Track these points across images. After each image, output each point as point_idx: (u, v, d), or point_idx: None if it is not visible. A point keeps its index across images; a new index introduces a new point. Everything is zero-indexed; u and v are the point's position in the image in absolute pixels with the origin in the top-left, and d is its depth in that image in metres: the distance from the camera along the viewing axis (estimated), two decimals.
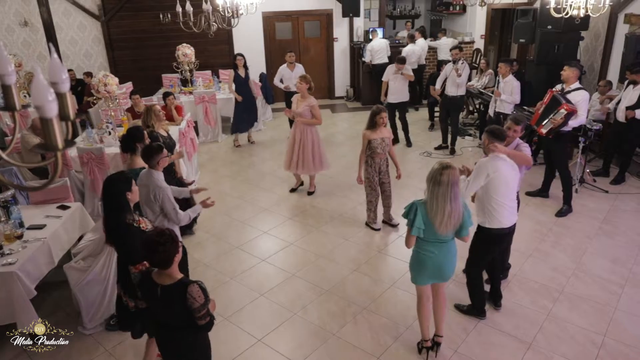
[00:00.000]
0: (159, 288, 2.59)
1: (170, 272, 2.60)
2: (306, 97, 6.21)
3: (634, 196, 6.29)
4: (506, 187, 3.70)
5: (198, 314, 2.56)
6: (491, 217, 3.77)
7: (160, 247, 2.51)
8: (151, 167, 3.87)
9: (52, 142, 1.10)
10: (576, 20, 6.70)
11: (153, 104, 5.83)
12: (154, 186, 3.78)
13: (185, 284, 2.58)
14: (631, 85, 6.27)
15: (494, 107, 7.15)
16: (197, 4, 6.56)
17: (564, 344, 3.80)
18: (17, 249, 3.92)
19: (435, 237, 3.29)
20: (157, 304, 2.62)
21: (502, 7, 11.01)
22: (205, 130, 9.00)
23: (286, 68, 8.53)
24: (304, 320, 4.20)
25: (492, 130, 3.82)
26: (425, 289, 3.58)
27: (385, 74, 8.17)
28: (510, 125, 4.19)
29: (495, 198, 3.70)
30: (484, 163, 3.70)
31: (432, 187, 3.19)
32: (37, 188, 4.21)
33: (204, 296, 2.57)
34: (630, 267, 4.78)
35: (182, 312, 2.58)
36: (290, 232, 5.74)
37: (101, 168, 5.93)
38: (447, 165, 3.18)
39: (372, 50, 10.40)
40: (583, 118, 5.60)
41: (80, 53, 10.96)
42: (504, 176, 3.67)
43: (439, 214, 3.17)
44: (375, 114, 5.22)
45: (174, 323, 2.66)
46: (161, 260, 2.55)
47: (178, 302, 2.56)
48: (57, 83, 1.11)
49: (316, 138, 6.42)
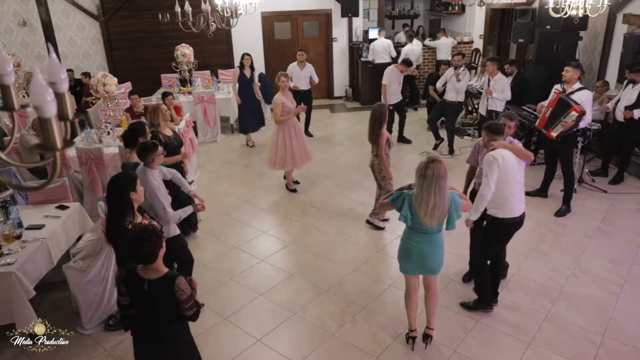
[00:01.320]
0: (146, 283, 2.60)
1: (155, 267, 2.62)
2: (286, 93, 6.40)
3: (632, 196, 6.29)
4: (514, 176, 3.79)
5: (186, 305, 2.61)
6: (504, 207, 3.84)
7: (145, 243, 2.53)
8: (146, 165, 3.88)
9: (50, 142, 1.10)
10: (575, 20, 6.71)
11: (158, 103, 5.80)
12: (146, 184, 3.79)
13: (173, 276, 2.62)
14: (630, 85, 6.27)
15: (485, 106, 7.18)
16: (196, 4, 6.56)
17: (563, 344, 3.80)
18: (16, 249, 3.92)
19: (421, 227, 3.39)
20: (143, 299, 2.64)
21: (501, 7, 11.01)
22: (204, 130, 9.00)
23: (296, 66, 8.54)
24: (303, 320, 4.20)
25: (490, 126, 3.91)
26: (412, 279, 3.67)
27: (388, 78, 7.97)
28: (504, 121, 4.24)
29: (506, 188, 3.78)
30: (492, 155, 3.75)
31: (418, 179, 3.29)
32: (35, 188, 4.24)
33: (190, 288, 2.63)
34: (629, 267, 4.78)
35: (169, 305, 2.61)
36: (290, 232, 5.74)
37: (100, 168, 5.93)
38: (433, 159, 3.26)
39: (374, 50, 10.41)
40: (589, 118, 5.57)
41: (79, 53, 10.95)
42: (512, 165, 3.75)
43: (423, 206, 3.26)
44: (383, 112, 5.21)
45: (159, 317, 2.66)
46: (146, 256, 2.57)
47: (165, 295, 2.59)
48: (55, 83, 1.11)
49: (299, 131, 6.56)
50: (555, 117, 5.55)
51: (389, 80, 7.96)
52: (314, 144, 8.73)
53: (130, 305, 2.72)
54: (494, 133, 3.85)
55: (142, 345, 2.83)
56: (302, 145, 6.52)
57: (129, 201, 3.18)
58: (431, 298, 3.71)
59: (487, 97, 7.12)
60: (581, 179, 6.49)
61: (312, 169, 7.45)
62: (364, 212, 6.07)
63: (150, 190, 3.80)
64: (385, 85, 7.98)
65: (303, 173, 7.30)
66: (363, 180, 7.00)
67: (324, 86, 11.79)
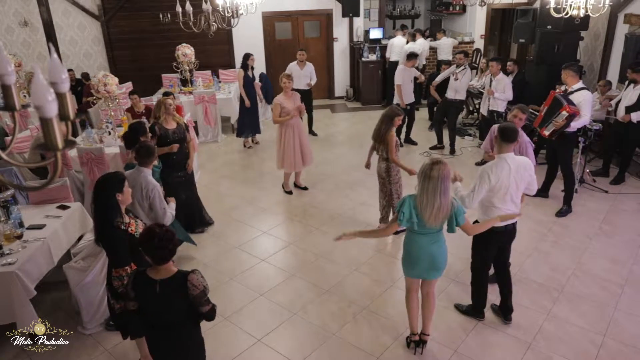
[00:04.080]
0: (158, 284, 2.56)
1: (167, 267, 2.60)
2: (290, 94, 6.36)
3: (633, 196, 6.29)
4: (506, 190, 3.65)
5: (200, 301, 2.58)
6: (489, 215, 3.75)
7: (164, 243, 2.49)
8: (141, 165, 3.89)
9: (52, 142, 1.10)
10: (576, 20, 6.71)
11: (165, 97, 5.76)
12: (146, 183, 3.79)
13: (185, 273, 2.59)
14: (632, 85, 6.27)
15: (487, 106, 7.18)
16: (196, 4, 6.56)
17: (564, 344, 3.80)
18: (17, 249, 3.92)
19: (425, 228, 3.38)
20: (155, 301, 2.59)
21: (502, 7, 11.01)
22: (205, 130, 9.00)
23: (296, 65, 8.52)
24: (303, 320, 4.20)
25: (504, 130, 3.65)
26: (414, 282, 3.66)
27: (400, 77, 7.85)
28: (517, 113, 4.23)
29: (497, 199, 3.69)
30: (486, 172, 3.63)
31: (422, 181, 3.26)
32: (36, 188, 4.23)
33: (202, 283, 2.59)
34: (629, 267, 4.78)
35: (182, 303, 2.58)
36: (290, 232, 5.74)
37: (101, 168, 5.93)
38: (438, 161, 3.25)
39: (392, 46, 10.43)
40: (586, 119, 5.56)
41: (80, 53, 10.96)
42: (506, 182, 3.61)
43: (429, 207, 3.24)
44: (396, 115, 5.07)
45: (173, 318, 2.63)
46: (164, 256, 2.54)
47: (179, 294, 2.56)
48: (56, 83, 1.11)
49: (302, 132, 6.57)
50: (549, 115, 5.58)
51: (402, 80, 7.91)
52: (315, 143, 8.75)
53: (137, 311, 2.69)
54: (503, 139, 3.63)
55: (158, 348, 2.79)
56: (305, 145, 6.51)
57: (117, 202, 3.12)
58: (429, 304, 3.70)
59: (488, 97, 7.12)
60: (582, 179, 6.48)
61: (312, 169, 7.45)
62: (364, 212, 6.08)
63: (152, 189, 3.80)
64: (400, 86, 7.89)
65: (304, 173, 7.30)
66: (364, 180, 7.00)
67: (324, 86, 11.80)
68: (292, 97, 6.33)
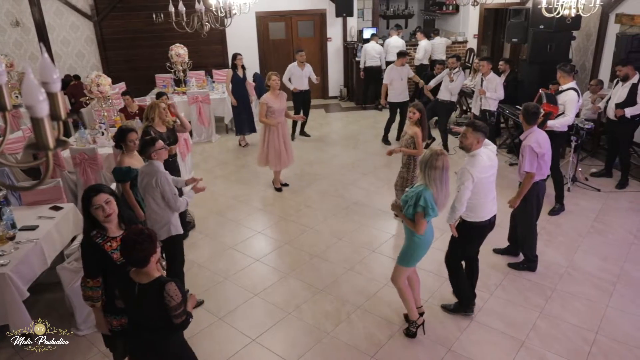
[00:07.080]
0: (136, 286, 2.56)
1: (147, 271, 2.57)
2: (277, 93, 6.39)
3: (625, 194, 6.34)
4: (487, 182, 3.82)
5: (174, 313, 2.55)
6: (476, 211, 3.87)
7: (138, 246, 2.47)
8: (150, 159, 3.91)
9: (43, 142, 1.10)
10: (568, 20, 6.74)
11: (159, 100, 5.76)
12: (155, 172, 3.81)
13: (163, 282, 2.56)
14: (620, 82, 6.31)
15: (479, 105, 7.21)
16: (189, 4, 6.54)
17: (557, 342, 3.83)
18: (9, 250, 3.90)
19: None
20: (133, 302, 2.60)
21: (495, 6, 11.06)
22: (198, 130, 8.98)
23: (296, 66, 8.52)
24: (298, 319, 4.21)
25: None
26: (411, 269, 3.82)
27: (388, 76, 8.06)
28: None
29: (480, 194, 3.80)
30: (467, 170, 3.73)
31: (428, 171, 3.41)
32: (27, 188, 4.21)
33: (180, 294, 2.56)
34: (621, 265, 4.82)
35: (157, 310, 2.56)
36: (284, 232, 5.74)
37: (94, 169, 5.91)
38: (440, 152, 3.44)
39: (388, 46, 10.51)
40: (569, 118, 5.68)
41: (73, 53, 10.90)
42: (486, 173, 3.79)
43: (441, 196, 3.45)
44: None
45: (148, 323, 2.62)
46: (138, 259, 2.51)
47: (154, 301, 2.54)
48: (48, 83, 1.10)
49: (285, 134, 6.63)
50: None
51: (389, 79, 8.04)
52: (308, 143, 8.76)
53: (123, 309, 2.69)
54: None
55: (135, 351, 2.78)
56: (288, 145, 6.59)
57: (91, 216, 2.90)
58: (417, 278, 3.97)
59: (480, 96, 7.15)
60: (575, 178, 6.52)
61: (306, 169, 7.46)
62: (358, 211, 6.09)
63: (160, 176, 3.80)
64: (386, 85, 8.02)
65: (298, 173, 7.31)
66: (357, 180, 7.01)
67: (318, 86, 11.75)
68: (279, 96, 6.34)
